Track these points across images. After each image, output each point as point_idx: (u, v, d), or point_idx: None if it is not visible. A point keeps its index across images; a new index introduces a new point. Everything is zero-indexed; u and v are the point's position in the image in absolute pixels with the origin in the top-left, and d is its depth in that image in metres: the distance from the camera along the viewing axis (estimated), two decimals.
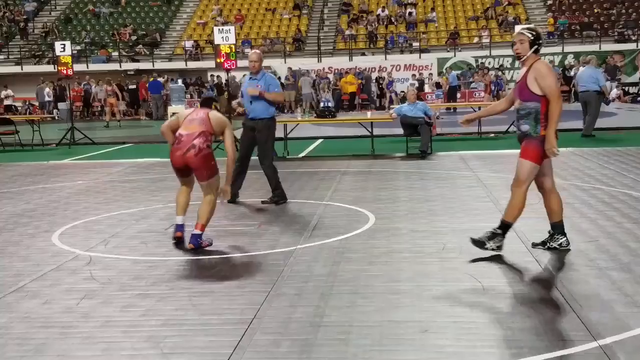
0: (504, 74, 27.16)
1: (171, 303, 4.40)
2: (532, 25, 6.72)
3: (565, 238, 5.32)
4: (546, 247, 5.35)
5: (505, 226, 5.27)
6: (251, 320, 4.00)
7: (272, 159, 7.88)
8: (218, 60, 13.57)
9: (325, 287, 4.60)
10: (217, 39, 13.56)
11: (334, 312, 4.11)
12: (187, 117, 5.95)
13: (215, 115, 5.99)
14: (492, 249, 5.20)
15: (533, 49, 5.21)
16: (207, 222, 5.80)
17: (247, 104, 7.86)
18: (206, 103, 6.27)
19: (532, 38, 5.21)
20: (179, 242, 5.88)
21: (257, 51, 8.09)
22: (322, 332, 3.81)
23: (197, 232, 5.72)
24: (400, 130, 12.71)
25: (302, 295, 4.45)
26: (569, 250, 5.29)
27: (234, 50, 13.50)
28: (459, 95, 24.04)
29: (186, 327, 3.96)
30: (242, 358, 3.50)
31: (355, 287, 4.59)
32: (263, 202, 7.75)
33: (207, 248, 5.74)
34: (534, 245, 5.42)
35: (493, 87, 25.42)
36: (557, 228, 5.35)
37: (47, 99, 27.65)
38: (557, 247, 5.30)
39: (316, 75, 27.62)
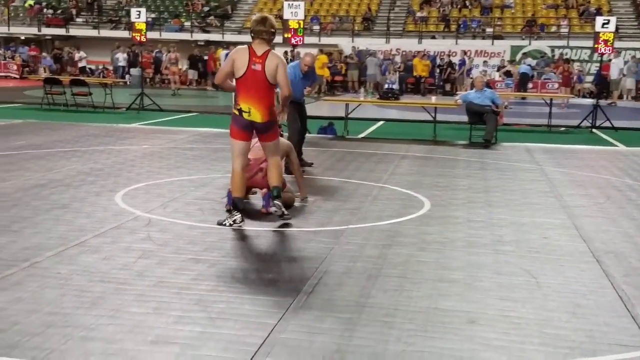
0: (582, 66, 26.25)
1: (222, 270, 4.49)
2: None
3: None
4: None
5: None
6: (297, 295, 4.04)
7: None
8: (285, 35, 13.61)
9: (373, 268, 4.60)
10: (286, 14, 13.60)
11: (380, 294, 4.11)
12: (254, 144, 6.07)
13: (281, 142, 6.24)
14: None
15: None
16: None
17: (294, 91, 8.41)
18: None
19: None
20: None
21: (313, 55, 9.09)
22: (366, 312, 3.82)
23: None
24: (465, 118, 12.50)
25: (349, 274, 4.47)
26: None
27: (302, 26, 13.51)
28: (530, 85, 23.40)
29: (234, 295, 4.04)
30: (285, 330, 3.54)
31: (404, 271, 4.58)
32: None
33: (260, 221, 5.80)
34: None
35: (574, 79, 24.56)
36: None
37: (120, 63, 28.33)
38: None
39: (383, 57, 27.33)
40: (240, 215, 5.62)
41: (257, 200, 6.43)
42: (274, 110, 5.72)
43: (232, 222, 5.58)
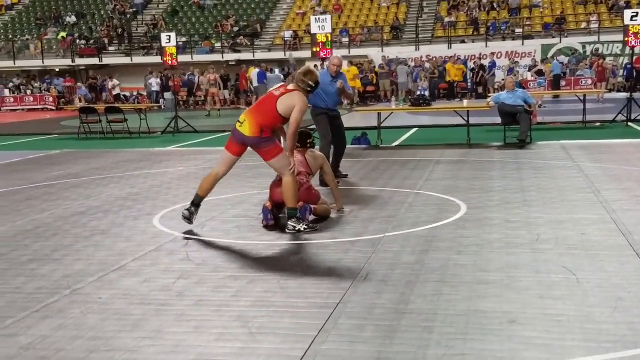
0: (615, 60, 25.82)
1: (260, 285, 4.53)
2: None
3: None
4: None
5: None
6: (336, 305, 4.06)
7: None
8: (314, 49, 13.72)
9: (411, 274, 4.59)
10: (314, 28, 13.71)
11: (419, 300, 4.10)
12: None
13: (312, 156, 6.49)
14: None
15: None
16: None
17: (326, 100, 8.67)
18: (302, 142, 6.51)
19: None
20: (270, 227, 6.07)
21: (339, 56, 9.22)
22: (406, 318, 3.82)
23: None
24: (498, 119, 12.39)
25: (387, 281, 4.46)
26: None
27: (330, 39, 13.60)
28: (563, 82, 23.09)
29: (273, 309, 4.07)
30: (326, 341, 3.55)
31: (442, 275, 4.55)
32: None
33: (296, 234, 5.85)
34: None
35: (607, 74, 24.16)
36: None
37: (154, 88, 28.87)
38: None
39: (413, 64, 27.29)
40: (188, 211, 6.11)
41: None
42: (266, 130, 5.87)
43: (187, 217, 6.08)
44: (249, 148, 6.07)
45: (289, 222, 5.92)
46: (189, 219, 6.13)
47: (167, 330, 3.80)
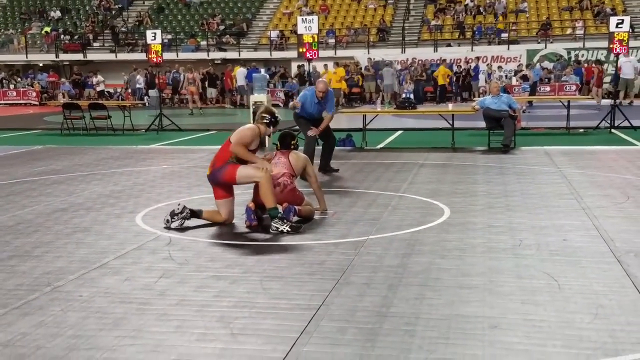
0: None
1: (243, 286, 4.51)
2: None
3: None
4: None
5: None
6: (319, 307, 4.05)
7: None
8: (300, 50, 13.70)
9: (394, 278, 4.60)
10: (300, 29, 13.69)
11: (402, 303, 4.11)
12: (275, 161, 6.44)
13: (295, 157, 6.49)
14: None
15: None
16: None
17: (308, 115, 9.26)
18: (285, 144, 6.60)
19: None
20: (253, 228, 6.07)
21: (325, 80, 9.75)
22: (388, 322, 3.82)
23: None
24: (483, 124, 12.46)
25: (370, 285, 4.47)
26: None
27: (316, 40, 13.59)
28: (548, 88, 23.24)
29: (256, 310, 4.05)
30: (308, 342, 3.55)
31: (425, 279, 4.57)
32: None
33: (280, 235, 5.84)
34: None
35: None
36: None
37: (138, 86, 28.68)
38: None
39: (400, 67, 27.35)
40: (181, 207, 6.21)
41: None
42: (218, 162, 6.24)
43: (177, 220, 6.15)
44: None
45: (272, 223, 5.92)
46: (173, 215, 6.16)
47: (148, 330, 3.77)
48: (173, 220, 6.15)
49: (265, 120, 6.38)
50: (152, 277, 4.71)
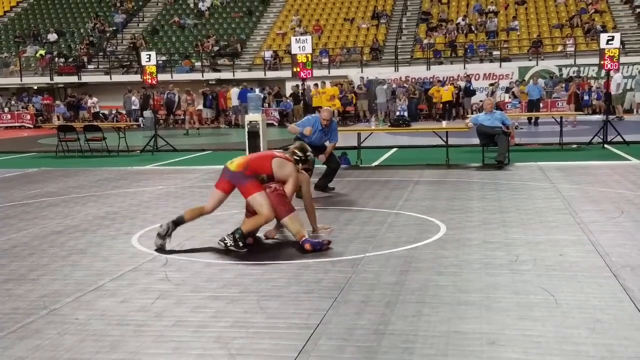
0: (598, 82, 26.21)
1: (240, 305, 4.50)
2: None
3: None
4: None
5: None
6: (317, 326, 4.04)
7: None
8: (294, 70, 13.79)
9: (391, 295, 4.59)
10: (294, 49, 13.79)
11: (400, 321, 4.10)
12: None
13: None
14: None
15: None
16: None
17: (312, 140, 9.18)
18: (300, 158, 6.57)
19: None
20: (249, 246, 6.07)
21: (330, 109, 9.89)
22: (386, 340, 3.81)
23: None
24: (477, 140, 12.51)
25: (368, 302, 4.46)
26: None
27: (310, 59, 13.68)
28: (540, 104, 23.32)
29: (253, 330, 4.04)
30: None
31: (422, 296, 4.56)
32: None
33: (277, 254, 5.84)
34: None
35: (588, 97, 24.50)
36: None
37: (134, 107, 28.74)
38: None
39: (396, 85, 27.50)
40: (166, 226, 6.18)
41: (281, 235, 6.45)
42: (250, 169, 6.15)
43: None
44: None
45: (225, 236, 6.02)
46: (163, 237, 6.13)
47: (145, 352, 3.75)
48: (164, 241, 6.13)
49: (295, 157, 6.44)
50: (148, 298, 4.70)
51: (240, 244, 5.96)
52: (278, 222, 6.60)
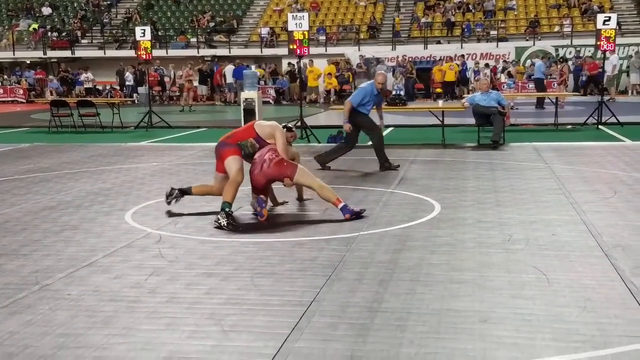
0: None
1: (234, 282, 4.50)
2: None
3: None
4: None
5: None
6: (310, 303, 4.05)
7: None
8: (291, 47, 13.68)
9: (385, 273, 4.61)
10: (291, 26, 13.66)
11: (393, 299, 4.11)
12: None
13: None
14: None
15: None
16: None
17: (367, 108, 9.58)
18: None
19: None
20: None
21: (384, 73, 10.11)
22: (379, 317, 3.83)
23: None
24: (473, 120, 12.49)
25: (361, 280, 4.47)
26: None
27: (307, 36, 13.57)
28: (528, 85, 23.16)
29: (247, 307, 4.05)
30: (299, 339, 3.55)
31: (416, 275, 4.58)
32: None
33: (271, 231, 5.84)
34: None
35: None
36: None
37: (128, 83, 28.52)
38: None
39: (395, 64, 27.37)
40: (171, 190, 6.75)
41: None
42: (233, 138, 6.50)
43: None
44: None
45: (218, 215, 6.05)
46: (167, 197, 6.71)
47: (138, 328, 3.76)
48: (169, 200, 6.71)
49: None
50: (142, 274, 4.70)
51: (231, 213, 6.03)
52: (273, 195, 6.68)
